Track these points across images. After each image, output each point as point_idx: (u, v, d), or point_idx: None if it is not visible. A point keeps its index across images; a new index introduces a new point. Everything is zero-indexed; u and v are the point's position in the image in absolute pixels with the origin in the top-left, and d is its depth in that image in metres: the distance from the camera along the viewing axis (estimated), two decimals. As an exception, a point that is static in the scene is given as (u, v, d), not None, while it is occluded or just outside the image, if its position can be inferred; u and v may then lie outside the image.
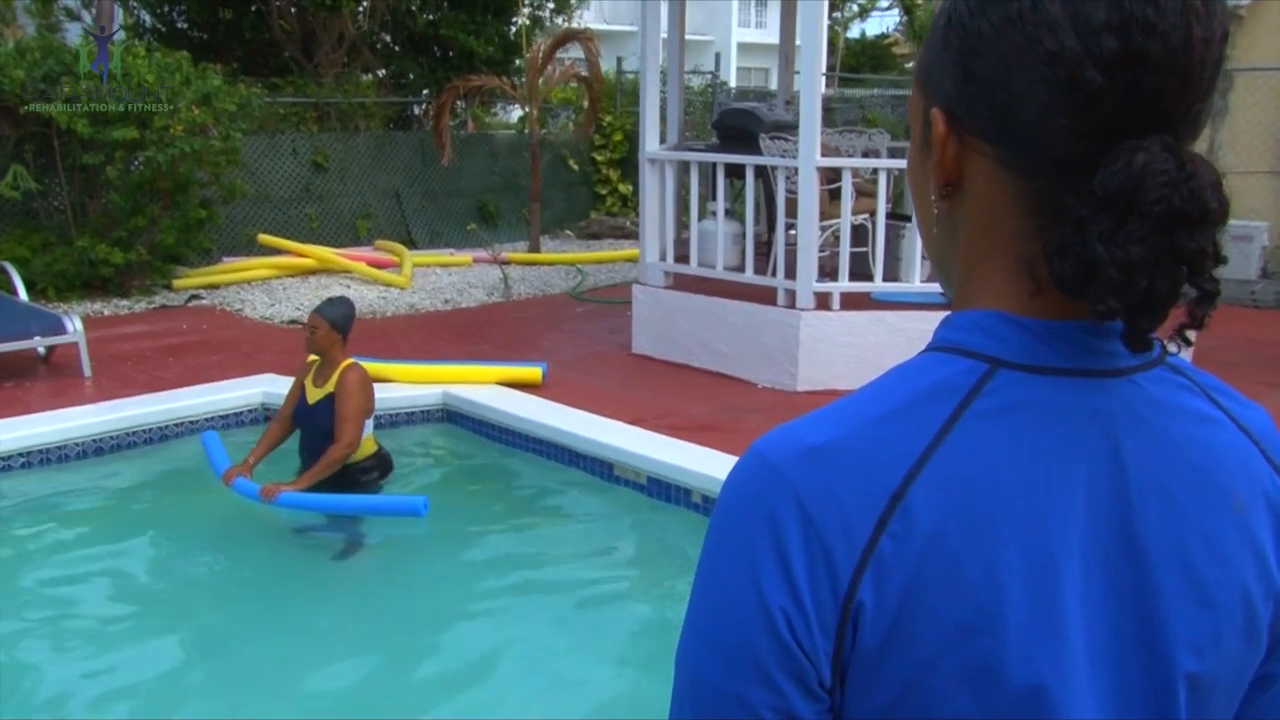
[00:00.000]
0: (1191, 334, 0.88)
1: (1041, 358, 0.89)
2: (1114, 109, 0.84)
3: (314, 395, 5.91)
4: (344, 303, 6.00)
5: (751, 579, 0.89)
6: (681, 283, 8.96)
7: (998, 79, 0.88)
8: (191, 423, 7.45)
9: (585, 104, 15.50)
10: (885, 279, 7.98)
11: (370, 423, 6.06)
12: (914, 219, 1.02)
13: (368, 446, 6.08)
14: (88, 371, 8.39)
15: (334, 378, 5.85)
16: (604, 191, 17.89)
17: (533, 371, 8.03)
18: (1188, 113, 0.86)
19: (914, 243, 7.89)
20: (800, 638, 0.87)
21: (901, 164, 8.07)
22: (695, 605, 0.94)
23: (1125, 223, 0.82)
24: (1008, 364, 0.89)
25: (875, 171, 7.99)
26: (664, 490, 6.25)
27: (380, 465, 6.07)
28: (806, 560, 0.87)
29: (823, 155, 7.90)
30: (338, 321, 5.88)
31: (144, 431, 7.27)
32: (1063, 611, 0.87)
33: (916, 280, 7.84)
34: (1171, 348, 0.92)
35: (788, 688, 0.88)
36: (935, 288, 7.93)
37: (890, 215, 8.22)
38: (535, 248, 14.71)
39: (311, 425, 5.93)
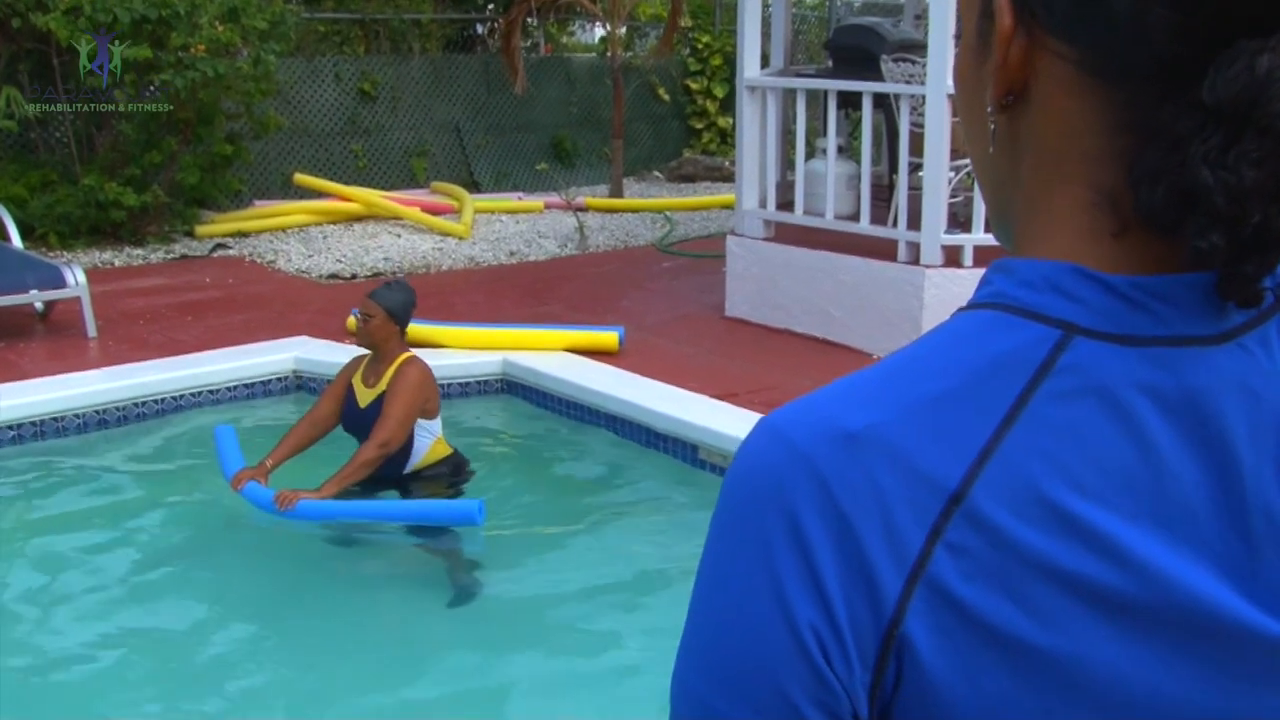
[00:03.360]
0: None
1: (1128, 324, 0.82)
2: None
3: (366, 397, 5.83)
4: (403, 288, 5.93)
5: (771, 587, 0.83)
6: (785, 234, 8.90)
7: None
8: (212, 392, 7.56)
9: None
10: (1029, 230, 7.82)
11: (439, 424, 6.01)
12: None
13: (437, 451, 6.00)
14: (92, 331, 8.53)
15: (389, 374, 5.79)
16: (699, 126, 17.82)
17: (608, 337, 8.03)
18: None
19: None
20: (834, 663, 0.81)
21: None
22: (695, 619, 0.88)
23: (1240, 140, 0.75)
24: (1086, 332, 0.83)
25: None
26: (758, 478, 6.16)
27: (454, 472, 6.06)
28: (840, 572, 0.81)
29: (956, 80, 7.76)
30: (396, 310, 5.81)
31: (156, 402, 7.37)
32: None
33: (1067, 231, 7.66)
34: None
35: None
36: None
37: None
38: (617, 192, 14.71)
39: (365, 433, 5.80)
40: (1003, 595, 0.79)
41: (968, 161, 7.86)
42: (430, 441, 5.95)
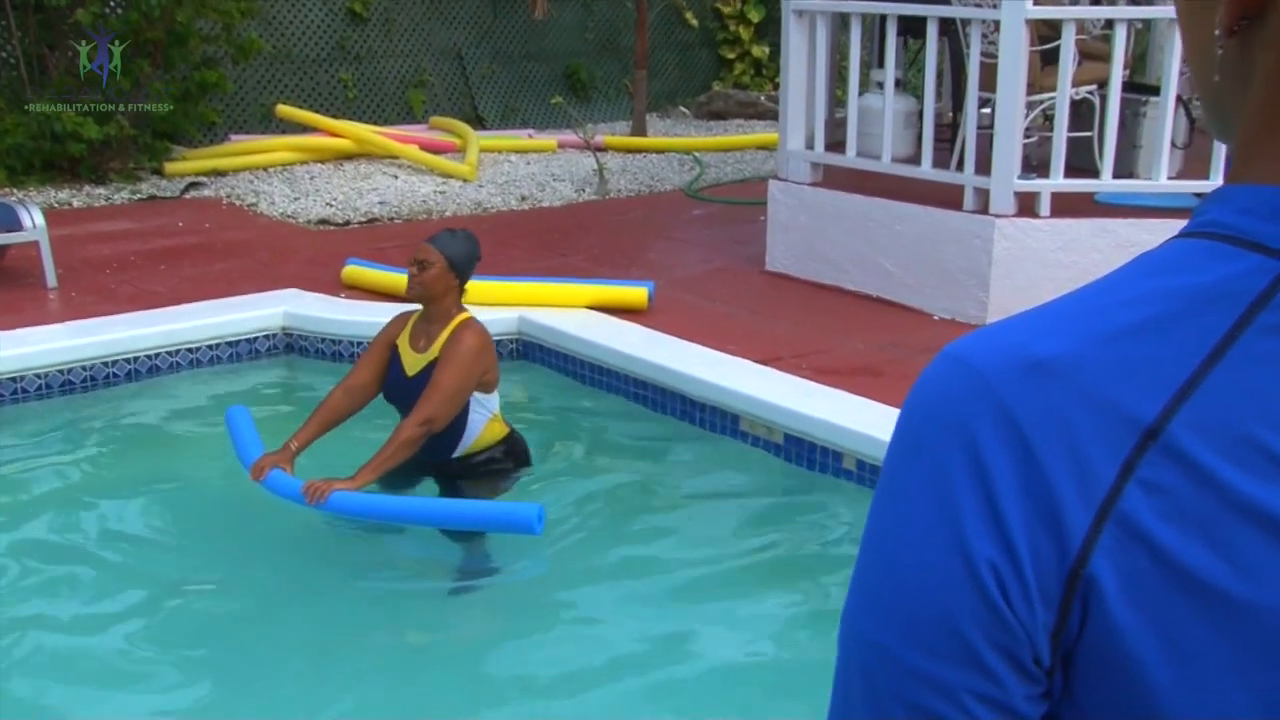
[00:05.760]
0: None
1: None
2: None
3: (415, 363, 5.58)
4: (470, 238, 5.70)
5: (947, 521, 0.86)
6: (834, 178, 8.87)
7: None
8: (191, 351, 7.55)
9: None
10: (1116, 175, 7.79)
11: (496, 399, 5.79)
12: (1187, 61, 0.97)
13: (493, 432, 5.78)
14: (52, 280, 8.51)
15: (443, 337, 5.54)
16: (731, 55, 17.78)
17: (636, 293, 8.02)
18: None
19: (1158, 125, 7.66)
20: (1014, 602, 0.84)
21: (1148, 12, 7.85)
22: (867, 554, 0.92)
23: None
24: None
25: (1110, 25, 7.76)
26: (806, 452, 6.19)
27: (511, 455, 5.87)
28: (1023, 506, 0.84)
29: (1036, 3, 7.70)
30: (459, 260, 5.57)
31: (128, 361, 7.37)
32: None
33: (1162, 177, 7.63)
34: None
35: (998, 666, 0.85)
36: (1186, 186, 7.74)
37: (1128, 87, 8.00)
38: (640, 130, 14.69)
39: (411, 406, 5.52)
40: (1202, 539, 0.81)
41: (1045, 97, 7.87)
42: (485, 419, 5.70)
